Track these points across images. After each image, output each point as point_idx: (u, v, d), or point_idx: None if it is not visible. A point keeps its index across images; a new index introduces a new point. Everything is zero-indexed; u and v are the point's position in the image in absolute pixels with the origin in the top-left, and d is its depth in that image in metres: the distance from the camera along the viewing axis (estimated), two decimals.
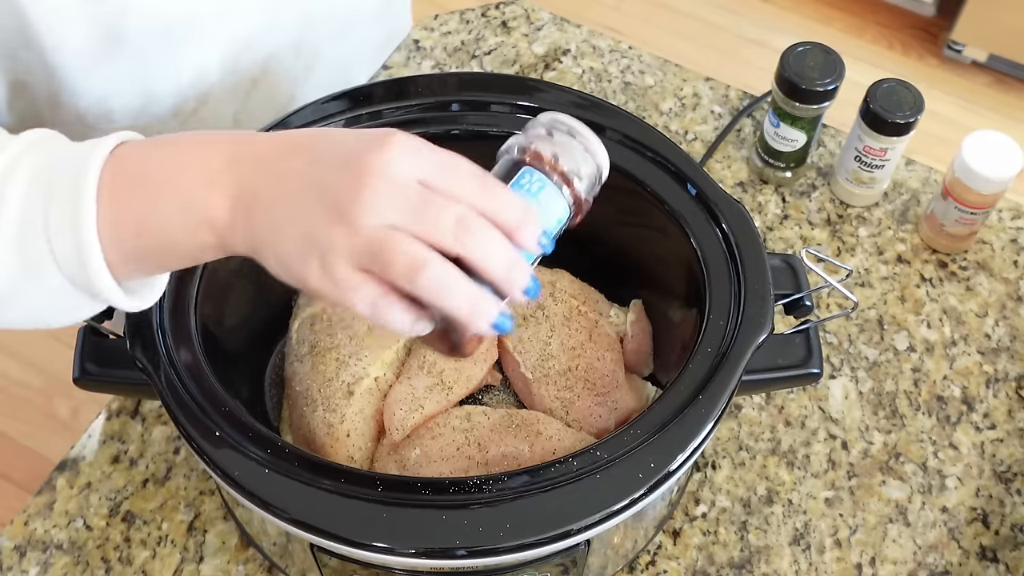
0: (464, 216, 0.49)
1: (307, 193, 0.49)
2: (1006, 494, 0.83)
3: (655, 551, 0.79)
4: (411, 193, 0.49)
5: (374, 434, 0.75)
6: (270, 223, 0.49)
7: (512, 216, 0.51)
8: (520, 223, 0.51)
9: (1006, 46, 2.11)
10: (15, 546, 0.78)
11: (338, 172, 0.49)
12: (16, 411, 1.71)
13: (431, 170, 0.50)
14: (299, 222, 0.48)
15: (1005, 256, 0.96)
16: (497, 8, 1.12)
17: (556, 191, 0.55)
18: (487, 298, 0.50)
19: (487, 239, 0.50)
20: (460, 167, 0.51)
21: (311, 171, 0.49)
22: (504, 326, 0.51)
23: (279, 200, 0.49)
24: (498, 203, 0.51)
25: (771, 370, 0.69)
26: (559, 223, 0.56)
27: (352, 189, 0.48)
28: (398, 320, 0.50)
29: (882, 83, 0.92)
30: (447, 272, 0.49)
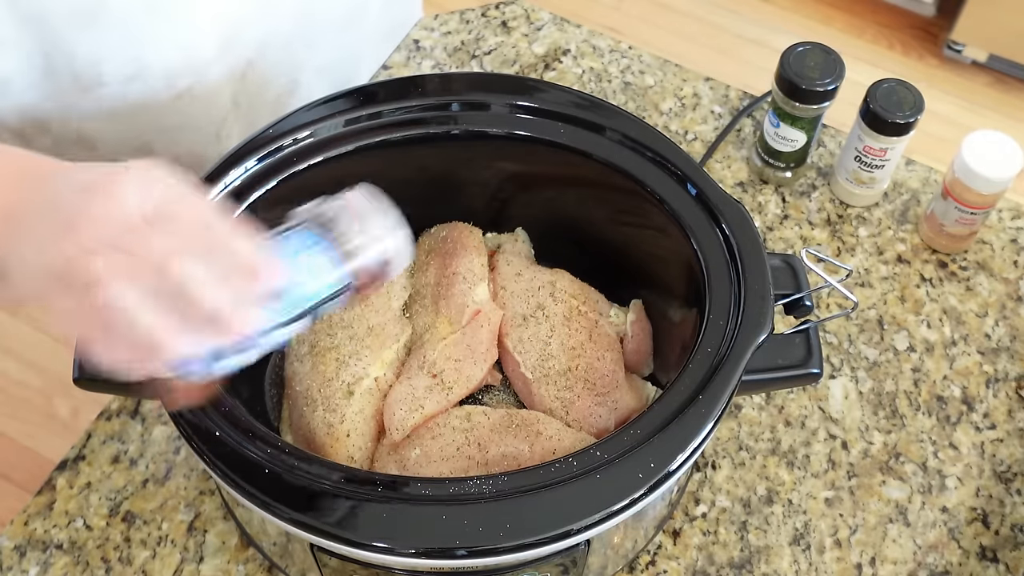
0: (175, 248, 0.48)
1: (57, 209, 0.50)
2: (1006, 494, 0.83)
3: (655, 551, 0.79)
4: (129, 219, 0.48)
5: (374, 434, 0.75)
6: (24, 235, 0.50)
7: (241, 260, 0.49)
8: (249, 267, 0.49)
9: (1006, 46, 2.11)
10: (15, 546, 0.78)
11: (79, 195, 0.49)
12: (16, 411, 1.71)
13: (156, 205, 0.49)
14: (44, 231, 0.49)
15: (1005, 256, 0.96)
16: (497, 8, 1.12)
17: (325, 254, 0.54)
18: (164, 339, 0.48)
19: (190, 279, 0.47)
20: (193, 207, 0.50)
21: (66, 192, 0.50)
22: (191, 372, 0.49)
23: (37, 217, 0.50)
24: (227, 246, 0.49)
25: (771, 370, 0.69)
26: (325, 288, 0.54)
27: (80, 207, 0.48)
28: (83, 336, 0.49)
29: (882, 83, 0.92)
30: (124, 296, 0.47)
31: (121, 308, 0.47)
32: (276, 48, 0.85)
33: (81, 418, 1.69)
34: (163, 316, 0.48)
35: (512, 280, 0.81)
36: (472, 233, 0.83)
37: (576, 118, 0.76)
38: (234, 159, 0.72)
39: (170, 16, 0.74)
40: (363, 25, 0.97)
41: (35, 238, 0.49)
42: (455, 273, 0.80)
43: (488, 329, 0.78)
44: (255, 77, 0.84)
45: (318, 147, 0.74)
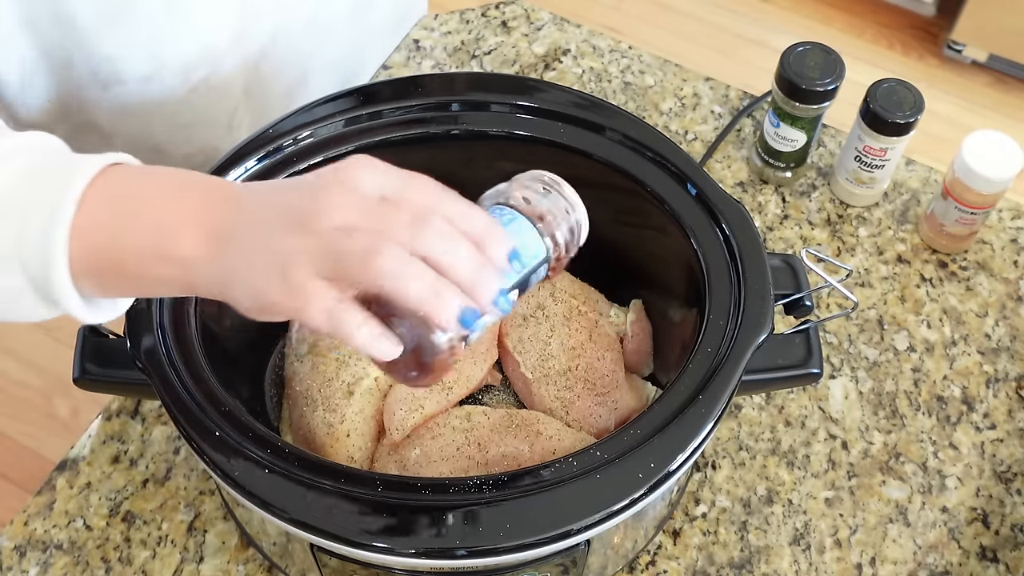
0: (424, 215, 0.49)
1: (273, 217, 0.49)
2: (1006, 494, 0.83)
3: (655, 551, 0.79)
4: (370, 201, 0.49)
5: (374, 434, 0.75)
6: (241, 253, 0.49)
7: (478, 225, 0.50)
8: (486, 232, 0.50)
9: (1006, 46, 2.11)
10: (15, 546, 0.78)
11: (301, 192, 0.49)
12: (16, 411, 1.71)
13: (393, 184, 0.50)
14: (265, 242, 0.49)
15: (1005, 256, 0.96)
16: (497, 8, 1.12)
17: (530, 226, 0.55)
18: (451, 288, 0.49)
19: (448, 238, 0.49)
20: (425, 182, 0.51)
21: (277, 198, 0.50)
22: (470, 322, 0.50)
23: (250, 230, 0.50)
24: (463, 212, 0.50)
25: (771, 370, 0.69)
26: (535, 258, 0.56)
27: (311, 201, 0.48)
28: (356, 328, 0.49)
29: (882, 83, 0.92)
30: (405, 258, 0.48)
31: (395, 262, 0.47)
32: (288, 38, 0.86)
33: (81, 418, 1.69)
34: (434, 276, 0.48)
35: None
36: None
37: (576, 118, 0.76)
38: (234, 159, 0.72)
39: (189, 15, 0.75)
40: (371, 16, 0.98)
41: (267, 241, 0.49)
42: None
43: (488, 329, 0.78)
44: (267, 68, 0.85)
45: (318, 147, 0.74)
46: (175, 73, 0.78)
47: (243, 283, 0.49)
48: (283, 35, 0.85)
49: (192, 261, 0.50)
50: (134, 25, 0.73)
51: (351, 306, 0.49)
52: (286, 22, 0.85)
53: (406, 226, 0.48)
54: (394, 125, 0.76)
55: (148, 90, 0.78)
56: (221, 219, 0.50)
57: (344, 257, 0.47)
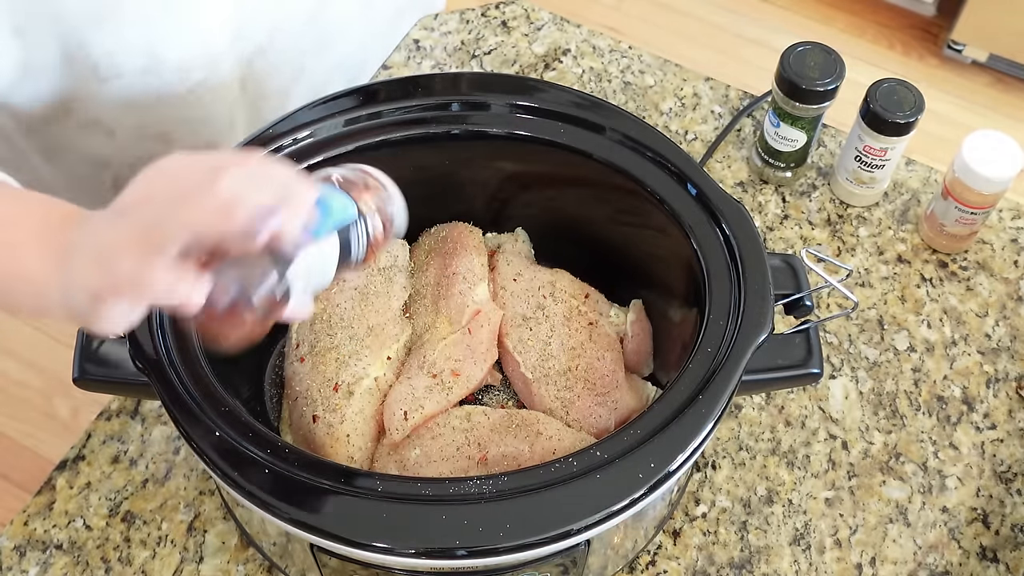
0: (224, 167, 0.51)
1: (101, 221, 0.53)
2: (1006, 494, 0.83)
3: (655, 551, 0.79)
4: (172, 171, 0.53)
5: (374, 434, 0.75)
6: (78, 261, 0.52)
7: (282, 171, 0.53)
8: (291, 177, 0.53)
9: (1006, 46, 2.11)
10: (15, 546, 0.78)
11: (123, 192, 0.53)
12: (16, 411, 1.71)
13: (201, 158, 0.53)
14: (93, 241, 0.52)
15: (1005, 256, 0.96)
16: (497, 8, 1.12)
17: (341, 192, 0.58)
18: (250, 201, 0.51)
19: (251, 178, 0.51)
20: (228, 152, 0.55)
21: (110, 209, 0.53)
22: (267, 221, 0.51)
23: (87, 238, 0.53)
24: (266, 163, 0.53)
25: (771, 370, 0.69)
26: (345, 215, 0.58)
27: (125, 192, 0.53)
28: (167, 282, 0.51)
29: (882, 83, 0.92)
30: (208, 198, 0.50)
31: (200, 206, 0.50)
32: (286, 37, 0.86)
33: (81, 418, 1.69)
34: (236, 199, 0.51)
35: (512, 280, 0.81)
36: (472, 233, 0.83)
37: (576, 118, 0.76)
38: None
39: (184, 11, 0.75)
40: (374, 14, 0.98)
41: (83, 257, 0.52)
42: (455, 273, 0.80)
43: (488, 329, 0.78)
44: (265, 66, 0.86)
45: (318, 147, 0.74)
46: (173, 69, 0.78)
47: (80, 292, 0.52)
48: (281, 33, 0.85)
49: (39, 283, 0.54)
50: (128, 21, 0.74)
51: (166, 268, 0.51)
52: (284, 20, 0.85)
53: (208, 176, 0.51)
54: (394, 125, 0.76)
55: (147, 84, 0.78)
56: (64, 239, 0.54)
57: (151, 220, 0.50)
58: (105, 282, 0.51)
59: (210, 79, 0.81)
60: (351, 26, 0.94)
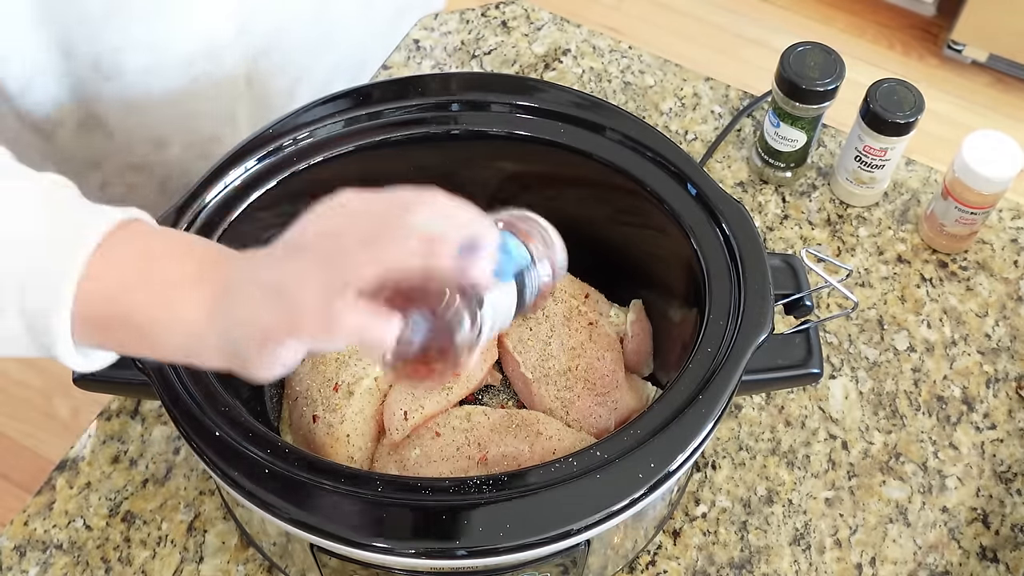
0: (410, 204, 0.49)
1: (266, 256, 0.50)
2: (1006, 494, 0.83)
3: (655, 551, 0.79)
4: (354, 207, 0.50)
5: (374, 434, 0.75)
6: (240, 299, 0.49)
7: (465, 213, 0.51)
8: (475, 218, 0.51)
9: (1006, 46, 2.11)
10: (15, 546, 0.78)
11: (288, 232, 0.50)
12: (16, 411, 1.71)
13: (378, 195, 0.51)
14: (260, 277, 0.49)
15: (1005, 256, 0.96)
16: (497, 8, 1.12)
17: (515, 238, 0.58)
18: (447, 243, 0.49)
19: (440, 217, 0.49)
20: (407, 190, 0.51)
21: (268, 247, 0.51)
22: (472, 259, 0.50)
23: (248, 276, 0.50)
24: (452, 203, 0.51)
25: (771, 370, 0.69)
26: (523, 259, 0.57)
27: (298, 228, 0.50)
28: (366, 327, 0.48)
29: (882, 83, 0.92)
30: (399, 236, 0.48)
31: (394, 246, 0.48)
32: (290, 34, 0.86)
33: (81, 418, 1.69)
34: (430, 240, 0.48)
35: None
36: None
37: (576, 118, 0.76)
38: (234, 159, 0.72)
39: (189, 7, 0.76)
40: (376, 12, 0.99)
41: (249, 295, 0.49)
42: None
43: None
44: (268, 63, 0.86)
45: (318, 147, 0.74)
46: (176, 64, 0.78)
47: (247, 330, 0.49)
48: (285, 32, 0.85)
49: (195, 322, 0.50)
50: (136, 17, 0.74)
51: (356, 306, 0.48)
52: (288, 19, 0.85)
53: (399, 212, 0.49)
54: (394, 125, 0.76)
55: (149, 82, 0.78)
56: (221, 276, 0.50)
57: (339, 256, 0.47)
58: (281, 320, 0.48)
59: (214, 73, 0.81)
60: (352, 24, 0.94)
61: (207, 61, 0.80)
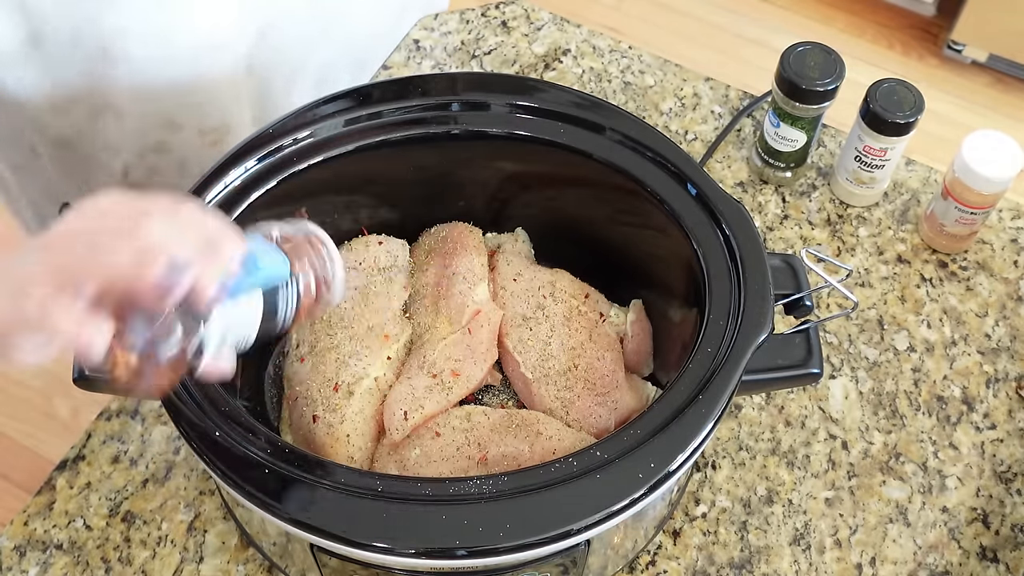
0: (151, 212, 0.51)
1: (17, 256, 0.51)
2: (1006, 494, 0.83)
3: (655, 551, 0.79)
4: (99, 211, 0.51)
5: (374, 434, 0.75)
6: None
7: (212, 223, 0.52)
8: (220, 229, 0.52)
9: (1006, 46, 2.11)
10: (15, 546, 0.78)
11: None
12: (16, 411, 1.71)
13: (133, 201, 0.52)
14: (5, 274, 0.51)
15: (1005, 256, 0.96)
16: (497, 8, 1.12)
17: (276, 249, 0.58)
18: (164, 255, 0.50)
19: (176, 228, 0.50)
20: (165, 197, 0.53)
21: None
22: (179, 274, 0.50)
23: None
24: (198, 213, 0.52)
25: (771, 370, 0.69)
26: (275, 273, 0.57)
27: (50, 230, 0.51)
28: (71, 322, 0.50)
29: (882, 83, 0.92)
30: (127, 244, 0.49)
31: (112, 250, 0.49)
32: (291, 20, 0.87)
33: (81, 418, 1.69)
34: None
35: (512, 280, 0.81)
36: (472, 233, 0.83)
37: (576, 118, 0.76)
38: (234, 159, 0.72)
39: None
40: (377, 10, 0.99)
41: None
42: (455, 273, 0.80)
43: (488, 329, 0.78)
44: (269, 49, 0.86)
45: (318, 147, 0.74)
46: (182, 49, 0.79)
47: None
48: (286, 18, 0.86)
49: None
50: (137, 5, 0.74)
51: (70, 309, 0.49)
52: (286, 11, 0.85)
53: (133, 221, 0.50)
54: (394, 125, 0.76)
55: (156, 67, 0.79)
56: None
57: (68, 258, 0.49)
58: (12, 316, 0.50)
59: (219, 60, 0.81)
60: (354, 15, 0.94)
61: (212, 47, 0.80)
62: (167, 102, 0.83)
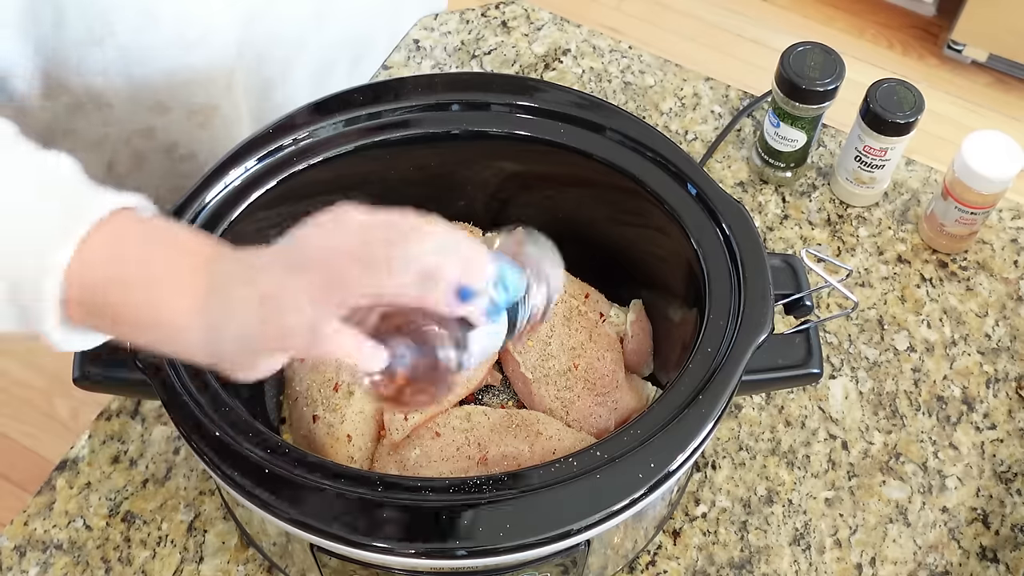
0: (411, 232, 0.51)
1: (260, 264, 0.51)
2: (1006, 494, 0.83)
3: (655, 551, 0.79)
4: (356, 226, 0.51)
5: (374, 434, 0.75)
6: (230, 304, 0.50)
7: (464, 245, 0.52)
8: (472, 250, 0.52)
9: (1006, 46, 2.11)
10: (15, 546, 0.78)
11: (287, 240, 0.52)
12: (16, 411, 1.71)
13: (380, 216, 0.52)
14: (255, 287, 0.50)
15: (1005, 256, 0.96)
16: (497, 8, 1.12)
17: (515, 265, 0.57)
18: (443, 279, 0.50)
19: (437, 250, 0.50)
20: (411, 214, 0.52)
21: (264, 251, 0.52)
22: (468, 296, 0.51)
23: (239, 280, 0.51)
24: (451, 234, 0.52)
25: (771, 370, 0.69)
26: (519, 290, 0.57)
27: (299, 241, 0.51)
28: (357, 346, 0.50)
29: (882, 83, 0.92)
30: (396, 265, 0.49)
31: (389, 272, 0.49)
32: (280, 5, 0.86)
33: (81, 418, 1.69)
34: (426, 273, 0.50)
35: None
36: (472, 233, 0.83)
37: (576, 118, 0.76)
38: (234, 159, 0.72)
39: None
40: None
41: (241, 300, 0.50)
42: None
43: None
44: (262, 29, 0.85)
45: (318, 147, 0.74)
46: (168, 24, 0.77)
47: (235, 333, 0.50)
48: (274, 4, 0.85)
49: (180, 316, 0.51)
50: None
51: (346, 330, 0.50)
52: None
53: (397, 241, 0.50)
54: (394, 125, 0.76)
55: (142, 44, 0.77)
56: (213, 273, 0.51)
57: (338, 278, 0.49)
58: (271, 332, 0.49)
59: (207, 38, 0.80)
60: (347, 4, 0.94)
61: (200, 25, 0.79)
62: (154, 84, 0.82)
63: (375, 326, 0.52)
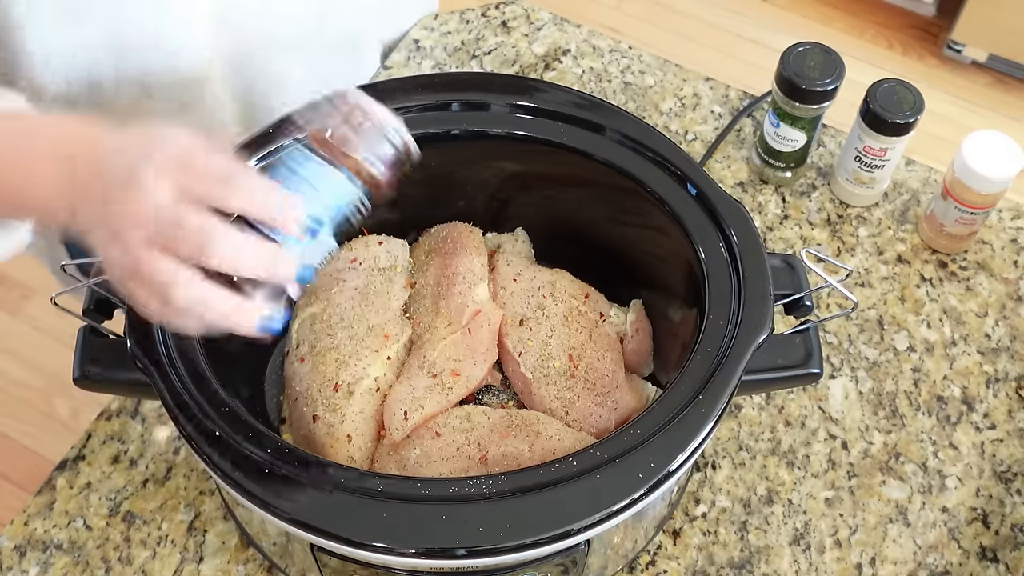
0: (204, 227, 0.53)
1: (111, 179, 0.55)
2: (1006, 494, 0.83)
3: (655, 551, 0.79)
4: (166, 212, 0.54)
5: (374, 434, 0.75)
6: (91, 208, 0.56)
7: (265, 209, 0.55)
8: (273, 213, 0.55)
9: (1006, 46, 2.11)
10: (15, 546, 0.78)
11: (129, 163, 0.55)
12: (16, 411, 1.71)
13: (188, 180, 0.54)
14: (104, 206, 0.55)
15: (1005, 256, 0.96)
16: (497, 8, 1.12)
17: (331, 171, 0.56)
18: (244, 306, 0.55)
19: (230, 244, 0.53)
20: (211, 169, 0.55)
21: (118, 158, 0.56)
22: (270, 326, 0.56)
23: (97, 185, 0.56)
24: (245, 200, 0.55)
25: (771, 370, 0.69)
26: (343, 203, 0.57)
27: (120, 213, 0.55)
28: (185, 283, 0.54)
29: (882, 83, 0.92)
30: (198, 291, 0.53)
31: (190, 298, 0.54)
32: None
33: (81, 418, 1.69)
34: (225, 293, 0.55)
35: (512, 280, 0.81)
36: (472, 233, 0.83)
37: (576, 118, 0.76)
38: None
39: None
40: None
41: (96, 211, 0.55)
42: (455, 273, 0.80)
43: (488, 329, 0.78)
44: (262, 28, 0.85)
45: None
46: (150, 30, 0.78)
47: (93, 235, 0.56)
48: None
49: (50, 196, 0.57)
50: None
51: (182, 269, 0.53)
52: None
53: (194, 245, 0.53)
54: None
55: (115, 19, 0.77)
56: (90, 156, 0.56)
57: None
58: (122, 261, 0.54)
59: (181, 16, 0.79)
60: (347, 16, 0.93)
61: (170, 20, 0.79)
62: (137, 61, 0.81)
63: None
